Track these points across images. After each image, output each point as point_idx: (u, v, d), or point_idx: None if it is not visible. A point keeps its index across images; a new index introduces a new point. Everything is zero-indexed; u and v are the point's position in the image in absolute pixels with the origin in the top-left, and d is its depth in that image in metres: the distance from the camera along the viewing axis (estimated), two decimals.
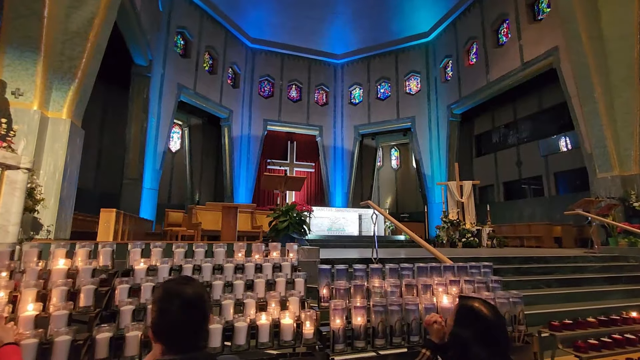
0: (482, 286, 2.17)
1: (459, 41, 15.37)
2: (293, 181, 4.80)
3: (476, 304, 1.15)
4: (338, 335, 1.70)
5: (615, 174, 8.93)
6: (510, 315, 1.95)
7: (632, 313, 1.93)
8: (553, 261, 5.48)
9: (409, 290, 2.03)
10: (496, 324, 1.10)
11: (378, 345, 1.74)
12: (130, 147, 11.36)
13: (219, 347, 1.49)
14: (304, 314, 1.72)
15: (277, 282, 2.04)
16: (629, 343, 1.78)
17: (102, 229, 6.55)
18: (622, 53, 8.98)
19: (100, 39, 5.60)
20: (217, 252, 2.23)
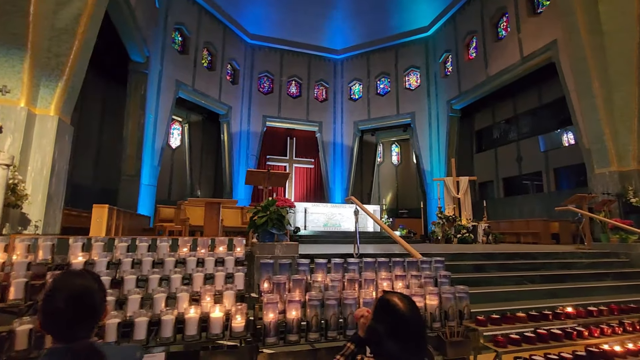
0: (430, 281, 2.16)
1: (459, 36, 15.21)
2: (277, 177, 4.80)
3: (393, 299, 1.14)
4: (269, 328, 1.71)
5: (613, 169, 8.82)
6: (455, 310, 1.94)
7: (568, 308, 1.90)
8: (541, 257, 5.44)
9: (352, 285, 2.03)
10: (410, 319, 1.09)
11: (312, 339, 1.75)
12: (127, 144, 11.45)
13: (143, 339, 1.51)
14: (234, 308, 1.74)
15: (217, 276, 2.05)
16: (552, 338, 1.74)
17: (94, 224, 6.61)
18: (622, 46, 8.82)
19: (89, 35, 5.63)
20: (160, 247, 2.26)
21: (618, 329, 1.74)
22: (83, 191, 12.25)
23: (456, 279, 4.32)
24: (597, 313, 1.90)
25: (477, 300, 3.89)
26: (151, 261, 2.09)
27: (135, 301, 1.78)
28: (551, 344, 1.70)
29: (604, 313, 1.92)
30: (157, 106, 12.76)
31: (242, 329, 1.73)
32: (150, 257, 2.10)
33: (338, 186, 18.37)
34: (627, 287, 4.74)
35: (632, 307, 1.95)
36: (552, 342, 1.71)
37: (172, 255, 2.21)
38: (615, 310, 1.93)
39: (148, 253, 2.16)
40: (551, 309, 4.01)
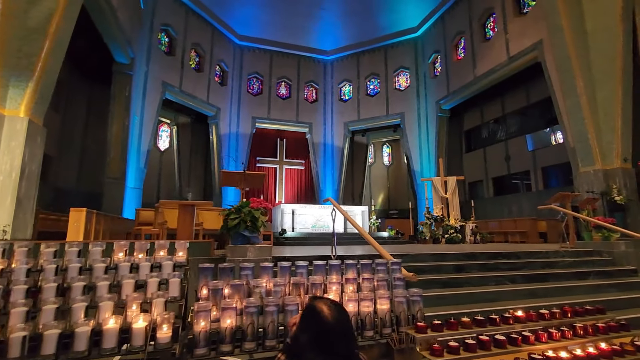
0: (383, 284, 2.07)
1: (447, 36, 15.25)
2: (252, 178, 4.70)
3: (319, 305, 1.06)
4: (198, 338, 1.60)
5: (598, 168, 8.85)
6: (406, 314, 1.85)
7: (518, 312, 1.81)
8: (524, 257, 5.40)
9: (297, 289, 1.94)
10: (334, 328, 1.01)
11: (248, 349, 1.65)
12: (111, 146, 11.26)
13: (52, 355, 1.40)
14: (160, 317, 1.63)
15: (149, 283, 1.94)
16: (496, 344, 1.65)
17: (71, 228, 6.43)
18: (605, 45, 8.87)
19: (62, 35, 5.48)
20: (92, 252, 2.14)
21: (568, 333, 1.65)
22: (67, 194, 12.02)
23: (437, 280, 4.28)
24: (548, 316, 1.81)
25: (456, 301, 3.83)
26: (78, 268, 1.97)
27: (50, 312, 1.63)
28: (493, 351, 1.60)
29: (556, 316, 1.83)
30: (143, 108, 12.58)
31: (168, 340, 1.62)
32: (78, 264, 1.98)
33: (329, 187, 18.30)
34: (608, 285, 4.72)
35: (588, 309, 1.87)
36: (494, 349, 1.60)
37: (104, 261, 2.08)
38: (569, 313, 1.85)
39: (77, 259, 2.04)
40: (529, 309, 3.97)
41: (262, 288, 1.88)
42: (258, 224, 3.82)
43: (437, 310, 3.39)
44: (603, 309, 1.90)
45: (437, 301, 3.76)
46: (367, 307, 1.73)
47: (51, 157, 11.37)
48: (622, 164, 8.66)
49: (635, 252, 5.64)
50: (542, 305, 3.91)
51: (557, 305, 4.03)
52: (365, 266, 2.27)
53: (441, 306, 3.69)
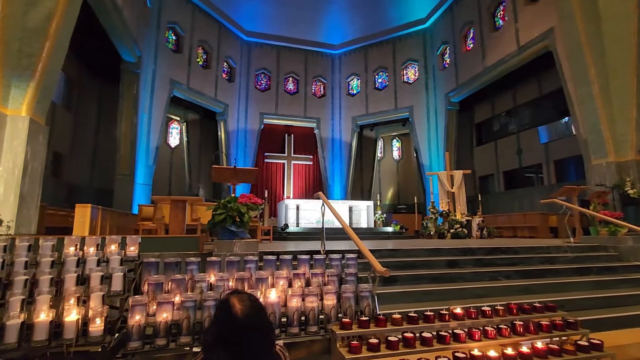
0: (335, 279, 2.04)
1: (456, 27, 14.88)
2: (244, 173, 4.73)
3: (232, 300, 1.04)
4: (131, 332, 1.62)
5: (611, 160, 8.52)
6: (352, 311, 1.81)
7: (457, 309, 1.73)
8: (523, 252, 5.27)
9: (241, 284, 1.92)
10: (243, 324, 0.99)
11: (182, 343, 1.66)
12: (121, 143, 11.52)
13: None
14: (92, 311, 1.65)
15: (92, 277, 1.96)
16: (422, 342, 1.56)
17: (77, 224, 6.64)
18: (619, 33, 8.49)
19: (62, 34, 5.62)
20: (43, 246, 2.19)
21: (505, 331, 1.58)
22: (80, 191, 12.41)
23: (427, 275, 4.22)
24: (490, 314, 1.73)
25: (442, 297, 3.76)
26: (24, 262, 2.02)
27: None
28: (416, 349, 1.52)
29: (499, 313, 1.74)
30: (151, 105, 12.81)
31: (100, 333, 1.65)
32: (25, 258, 2.03)
33: (337, 183, 18.25)
34: (610, 282, 4.55)
35: (536, 307, 1.78)
36: (420, 346, 1.53)
37: (52, 255, 2.13)
38: (514, 310, 1.77)
39: (27, 254, 2.09)
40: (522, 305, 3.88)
41: (205, 283, 1.89)
42: (245, 219, 3.84)
43: (416, 306, 3.34)
44: (554, 306, 1.81)
45: (423, 297, 3.71)
46: (311, 303, 1.71)
47: (64, 155, 11.74)
48: (637, 155, 8.30)
49: None
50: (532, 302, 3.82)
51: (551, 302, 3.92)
52: (318, 261, 2.23)
53: (426, 302, 3.63)
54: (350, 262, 2.28)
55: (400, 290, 3.73)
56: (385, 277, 2.49)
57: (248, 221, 3.96)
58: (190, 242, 3.93)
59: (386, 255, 4.63)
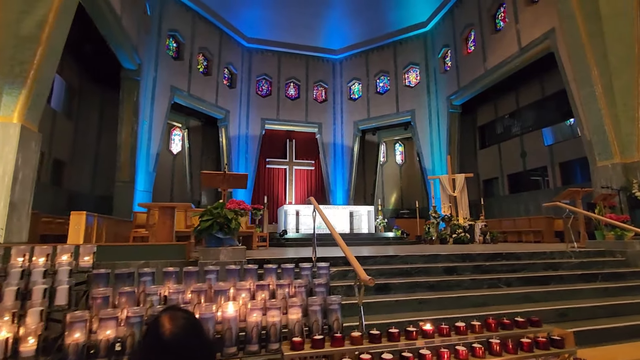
0: (302, 290, 1.90)
1: (457, 29, 14.78)
2: (235, 178, 4.63)
3: (161, 319, 0.92)
4: (67, 352, 1.49)
5: (616, 161, 8.29)
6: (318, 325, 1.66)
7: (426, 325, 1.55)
8: (525, 257, 5.08)
9: (199, 297, 1.79)
10: (170, 347, 0.87)
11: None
12: (121, 150, 11.52)
13: None
14: (24, 329, 1.53)
15: (34, 290, 1.83)
16: None
17: (72, 231, 6.58)
18: (621, 31, 8.32)
19: (55, 42, 5.61)
20: None
21: (479, 351, 1.42)
22: (81, 198, 12.40)
23: (423, 283, 4.05)
24: (464, 329, 1.57)
25: (438, 306, 3.60)
26: None
27: None
28: None
29: (475, 330, 1.58)
30: (152, 112, 12.83)
31: (32, 354, 1.53)
32: None
33: (339, 187, 18.11)
34: (616, 289, 4.35)
35: (519, 322, 1.62)
36: None
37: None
38: (492, 325, 1.60)
39: None
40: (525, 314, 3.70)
41: (156, 296, 1.76)
42: (232, 226, 3.73)
43: (412, 315, 3.19)
44: (538, 321, 1.65)
45: (418, 306, 3.56)
46: (273, 317, 1.58)
47: (65, 162, 11.76)
48: None
49: None
50: (535, 312, 3.64)
51: (555, 311, 3.74)
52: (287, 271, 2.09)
53: (423, 312, 3.48)
54: (322, 272, 2.14)
55: (394, 299, 3.58)
56: (370, 286, 2.35)
57: (236, 228, 3.84)
58: (176, 250, 3.82)
59: (381, 262, 4.48)
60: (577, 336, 3.33)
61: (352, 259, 2.78)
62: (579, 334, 3.31)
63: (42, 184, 10.46)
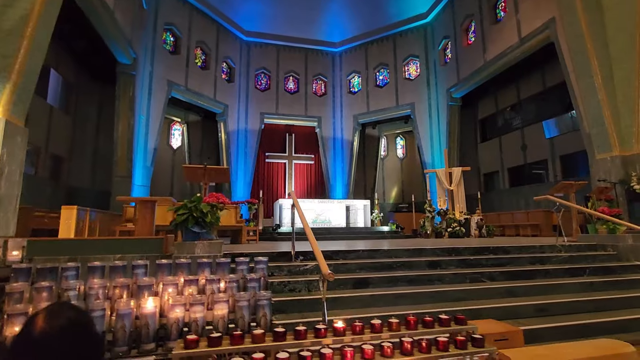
0: (234, 285, 1.84)
1: (457, 20, 14.51)
2: (217, 172, 4.59)
3: (37, 317, 0.87)
4: None
5: (615, 154, 8.11)
6: (244, 321, 1.60)
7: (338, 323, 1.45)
8: (514, 251, 5.00)
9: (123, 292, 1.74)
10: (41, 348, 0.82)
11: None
12: (118, 145, 11.57)
13: None
14: None
15: None
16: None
17: (63, 226, 6.61)
18: (622, 21, 8.08)
19: (40, 35, 5.59)
20: None
21: (388, 350, 1.34)
22: (81, 193, 12.49)
23: (403, 277, 4.00)
24: (379, 327, 1.49)
25: (414, 301, 3.55)
26: None
27: None
28: None
29: (392, 327, 1.50)
30: (149, 107, 12.83)
31: None
32: None
33: (339, 182, 18.03)
34: (602, 283, 4.25)
35: (442, 319, 1.54)
36: None
37: None
38: (412, 323, 1.52)
39: None
40: (506, 309, 3.64)
41: (74, 291, 1.72)
42: (207, 220, 3.70)
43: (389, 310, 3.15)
44: (463, 318, 1.57)
45: (395, 300, 3.51)
46: (196, 313, 1.53)
47: (63, 158, 11.83)
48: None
49: None
50: (514, 307, 3.58)
51: (534, 306, 3.67)
52: (221, 265, 2.03)
53: (399, 306, 3.44)
54: (260, 267, 2.09)
55: (370, 293, 3.54)
56: (330, 280, 2.31)
57: (214, 221, 3.81)
58: (153, 244, 3.81)
59: (364, 256, 4.44)
60: (556, 331, 3.28)
61: (317, 253, 2.74)
62: (557, 329, 3.26)
63: (39, 178, 10.57)
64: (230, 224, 6.72)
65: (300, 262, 4.13)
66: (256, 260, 2.03)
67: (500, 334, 1.78)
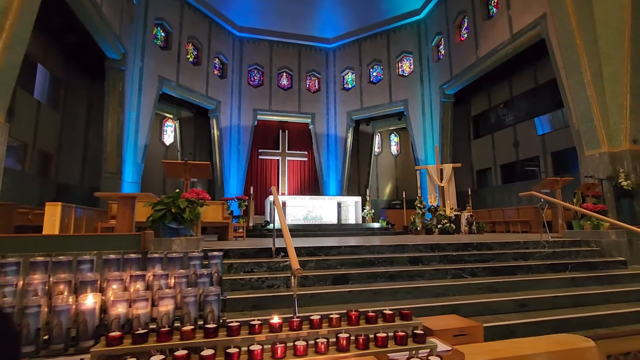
0: (183, 281, 1.81)
1: (449, 16, 14.47)
2: (197, 168, 4.54)
3: None
4: None
5: (604, 150, 8.13)
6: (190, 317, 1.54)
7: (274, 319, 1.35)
8: (497, 247, 4.99)
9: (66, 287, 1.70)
10: None
11: None
12: (107, 141, 11.46)
13: None
14: None
15: None
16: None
17: (47, 223, 6.53)
18: (612, 15, 8.08)
19: (20, 29, 5.49)
20: None
21: (322, 346, 1.30)
22: (71, 190, 12.38)
23: (383, 273, 3.98)
24: (318, 323, 1.42)
25: (391, 297, 3.53)
26: None
27: None
28: None
29: (333, 323, 1.46)
30: (139, 103, 12.71)
31: None
32: None
33: (332, 178, 18.00)
34: (583, 279, 4.26)
35: (386, 315, 1.49)
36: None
37: None
38: (353, 319, 1.47)
39: None
40: (485, 304, 3.63)
41: (11, 287, 1.68)
42: (185, 216, 3.65)
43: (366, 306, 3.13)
44: (408, 314, 1.54)
45: (372, 296, 3.49)
46: (138, 310, 1.49)
47: (51, 154, 11.70)
48: (631, 145, 7.89)
49: (628, 242, 5.10)
50: (493, 302, 3.57)
51: (514, 301, 3.67)
52: (173, 260, 1.98)
53: (377, 302, 3.42)
54: (214, 262, 2.05)
55: (349, 289, 3.51)
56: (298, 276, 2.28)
57: (192, 218, 3.77)
58: (130, 240, 3.76)
59: (346, 252, 4.41)
60: (533, 326, 3.27)
61: (289, 249, 2.71)
62: (535, 325, 3.26)
63: (27, 175, 10.44)
64: (216, 220, 6.67)
65: (281, 258, 4.10)
66: (210, 255, 1.98)
67: (459, 329, 1.76)
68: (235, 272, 3.71)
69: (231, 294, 3.32)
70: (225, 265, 3.73)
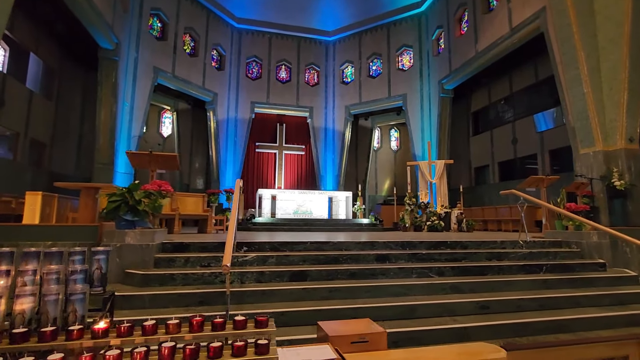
0: (52, 278, 1.69)
1: (450, 9, 14.13)
2: (163, 159, 4.46)
3: None
4: None
5: (598, 149, 7.88)
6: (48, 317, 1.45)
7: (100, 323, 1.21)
8: (473, 246, 4.85)
9: None
10: None
11: None
12: (100, 132, 11.46)
13: None
14: None
15: None
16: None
17: (27, 212, 6.53)
18: (612, 9, 7.78)
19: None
20: None
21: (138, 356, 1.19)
22: (63, 180, 12.34)
23: (344, 271, 3.88)
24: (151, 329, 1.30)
25: (349, 295, 3.43)
26: None
27: None
28: None
29: (169, 329, 1.34)
30: (134, 94, 12.68)
31: None
32: None
33: (330, 173, 17.87)
34: (556, 281, 4.11)
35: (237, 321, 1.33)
36: None
37: None
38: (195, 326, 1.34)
39: None
40: (444, 305, 3.50)
41: None
42: (140, 207, 3.58)
43: (320, 304, 3.06)
44: (264, 320, 1.41)
45: (328, 294, 3.39)
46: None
47: (44, 143, 11.75)
48: (627, 144, 7.64)
49: (611, 244, 4.92)
50: (453, 303, 3.45)
51: (476, 303, 3.53)
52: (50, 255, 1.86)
53: (333, 300, 3.33)
54: (97, 257, 1.94)
55: (304, 287, 3.42)
56: (224, 273, 2.19)
57: (152, 210, 3.70)
58: (89, 232, 3.71)
59: (311, 248, 4.32)
60: (491, 330, 3.14)
61: (227, 243, 2.62)
62: (492, 328, 3.13)
63: (18, 164, 10.50)
64: (196, 212, 6.62)
65: (243, 252, 4.01)
66: (93, 250, 1.89)
67: (360, 336, 1.65)
68: (191, 266, 3.64)
69: (182, 288, 3.25)
70: (182, 258, 3.66)
